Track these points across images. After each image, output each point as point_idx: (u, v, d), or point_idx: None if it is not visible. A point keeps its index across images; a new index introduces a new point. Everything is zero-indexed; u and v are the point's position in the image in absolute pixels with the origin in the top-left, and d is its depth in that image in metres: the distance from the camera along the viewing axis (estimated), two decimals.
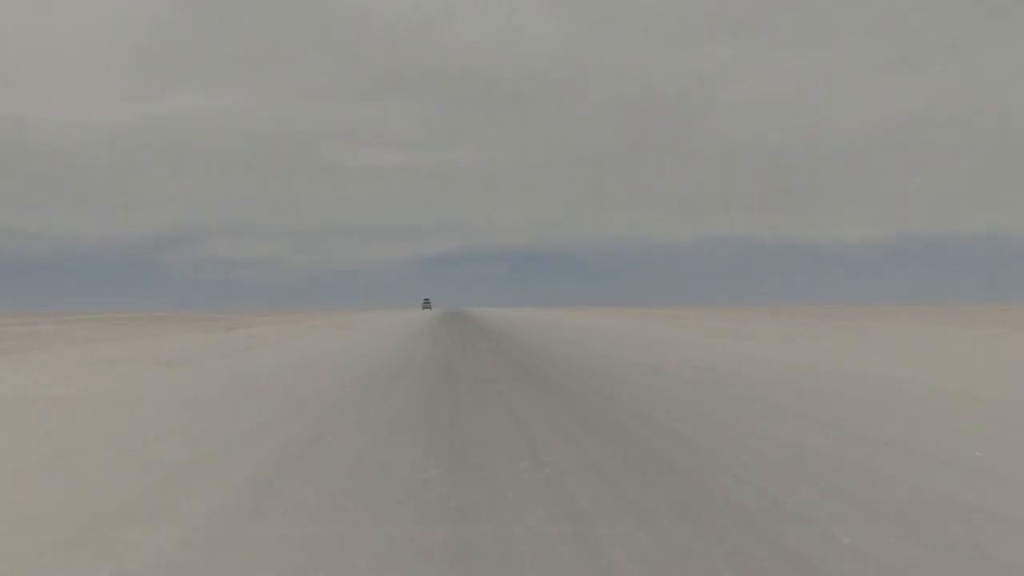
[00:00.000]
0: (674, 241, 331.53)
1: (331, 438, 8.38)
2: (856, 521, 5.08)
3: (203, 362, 19.46)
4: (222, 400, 11.75)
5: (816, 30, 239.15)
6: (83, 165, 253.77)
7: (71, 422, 9.68)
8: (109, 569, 4.36)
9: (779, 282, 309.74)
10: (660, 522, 5.12)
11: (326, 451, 7.66)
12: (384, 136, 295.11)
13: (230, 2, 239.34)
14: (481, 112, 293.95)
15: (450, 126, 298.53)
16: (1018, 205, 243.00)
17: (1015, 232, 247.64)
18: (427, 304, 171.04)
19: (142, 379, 15.15)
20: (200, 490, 6.06)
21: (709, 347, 23.49)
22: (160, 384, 14.14)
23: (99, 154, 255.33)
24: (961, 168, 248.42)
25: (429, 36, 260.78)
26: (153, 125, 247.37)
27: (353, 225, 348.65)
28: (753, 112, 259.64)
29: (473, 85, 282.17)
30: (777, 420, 9.28)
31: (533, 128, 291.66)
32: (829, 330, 34.33)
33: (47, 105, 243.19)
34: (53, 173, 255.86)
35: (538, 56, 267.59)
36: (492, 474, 6.55)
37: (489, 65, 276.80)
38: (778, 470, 6.58)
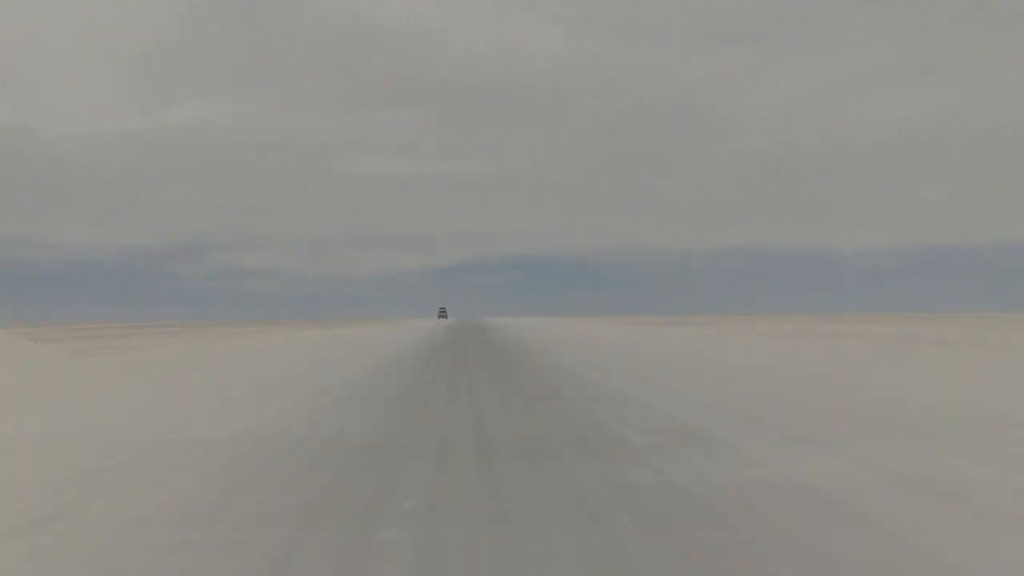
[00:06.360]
0: (692, 249, 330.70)
1: None
2: None
3: None
4: None
5: (831, 40, 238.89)
6: (94, 175, 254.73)
7: None
8: None
9: (794, 290, 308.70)
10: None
11: None
12: (396, 145, 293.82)
13: (240, 13, 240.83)
14: (495, 121, 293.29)
15: (467, 135, 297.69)
16: None
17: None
18: (443, 313, 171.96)
19: None
20: None
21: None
22: None
23: (110, 164, 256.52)
24: (974, 178, 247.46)
25: (439, 45, 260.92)
26: (163, 135, 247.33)
27: (366, 235, 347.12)
28: (769, 121, 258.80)
29: (487, 94, 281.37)
30: None
31: (546, 138, 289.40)
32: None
33: (59, 115, 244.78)
34: (65, 183, 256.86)
35: (549, 65, 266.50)
36: None
37: (501, 74, 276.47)
38: None
